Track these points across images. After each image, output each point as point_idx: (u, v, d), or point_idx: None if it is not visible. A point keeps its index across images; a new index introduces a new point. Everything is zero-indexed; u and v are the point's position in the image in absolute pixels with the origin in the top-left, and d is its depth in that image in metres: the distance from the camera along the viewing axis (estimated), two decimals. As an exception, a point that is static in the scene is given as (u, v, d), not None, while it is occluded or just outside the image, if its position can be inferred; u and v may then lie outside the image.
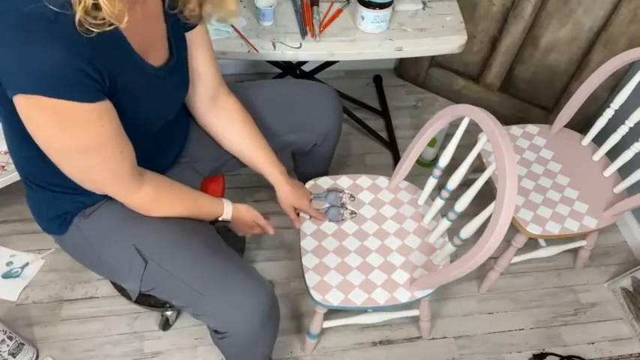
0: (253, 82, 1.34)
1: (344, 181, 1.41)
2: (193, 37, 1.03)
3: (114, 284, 1.56)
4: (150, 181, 0.98)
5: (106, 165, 0.87)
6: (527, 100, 2.06)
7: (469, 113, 1.11)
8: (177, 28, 0.98)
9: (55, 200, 1.02)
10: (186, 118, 1.20)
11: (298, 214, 1.32)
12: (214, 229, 1.17)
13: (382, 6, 1.33)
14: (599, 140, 1.54)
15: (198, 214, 1.11)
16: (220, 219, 1.15)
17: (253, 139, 1.20)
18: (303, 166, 1.53)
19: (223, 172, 1.35)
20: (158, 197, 1.01)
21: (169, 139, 1.13)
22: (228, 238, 1.65)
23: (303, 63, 1.94)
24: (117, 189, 0.95)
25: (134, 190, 0.96)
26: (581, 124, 1.88)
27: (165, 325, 1.54)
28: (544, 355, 1.59)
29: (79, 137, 0.80)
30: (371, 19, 1.36)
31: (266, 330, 1.12)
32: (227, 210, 1.16)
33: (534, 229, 1.39)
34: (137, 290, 1.06)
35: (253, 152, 1.21)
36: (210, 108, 1.16)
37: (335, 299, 1.20)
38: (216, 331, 1.09)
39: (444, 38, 1.42)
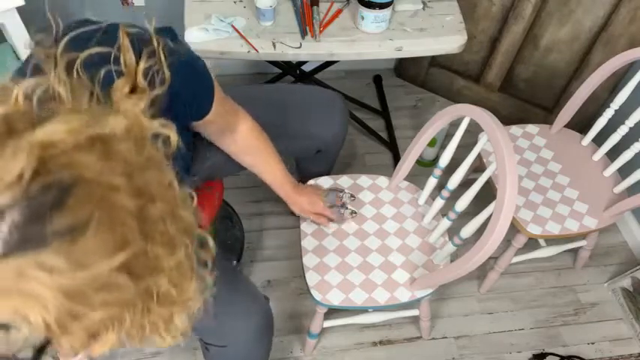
0: (260, 85, 1.34)
1: (344, 181, 1.41)
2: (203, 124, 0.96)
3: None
4: None
5: None
6: (527, 100, 2.06)
7: (469, 113, 1.11)
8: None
9: None
10: None
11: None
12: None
13: (382, 6, 1.33)
14: (599, 140, 1.54)
15: None
16: None
17: (265, 159, 1.17)
18: (305, 167, 1.53)
19: (221, 177, 1.34)
20: None
21: None
22: (226, 238, 1.66)
23: (303, 63, 1.94)
24: None
25: None
26: (581, 124, 1.88)
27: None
28: (544, 355, 1.59)
29: None
30: (371, 19, 1.36)
31: (262, 343, 1.14)
32: None
33: (534, 229, 1.39)
34: None
35: (263, 170, 1.19)
36: (224, 138, 1.12)
37: (335, 299, 1.20)
38: (211, 345, 1.09)
39: (444, 38, 1.42)
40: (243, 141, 1.12)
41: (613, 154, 1.49)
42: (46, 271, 0.43)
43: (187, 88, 0.79)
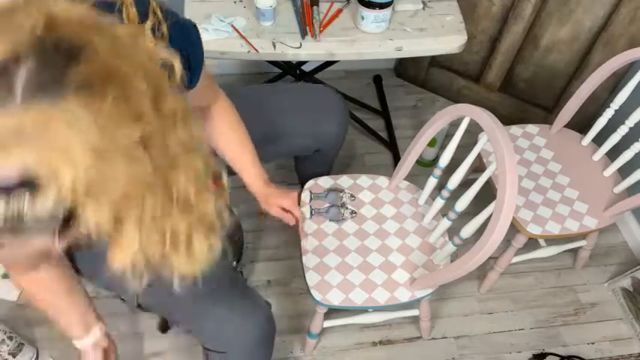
0: (259, 85, 1.33)
1: (344, 181, 1.41)
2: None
3: (114, 284, 1.56)
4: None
5: None
6: (527, 100, 2.06)
7: (469, 113, 1.11)
8: None
9: None
10: None
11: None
12: None
13: (382, 6, 1.33)
14: (599, 140, 1.54)
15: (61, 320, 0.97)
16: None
17: (236, 141, 1.12)
18: (304, 167, 1.52)
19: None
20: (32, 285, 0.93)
21: None
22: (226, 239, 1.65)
23: (303, 63, 1.94)
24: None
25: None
26: (581, 124, 1.88)
27: (164, 327, 1.54)
28: (544, 355, 1.59)
29: None
30: (371, 19, 1.36)
31: (262, 350, 1.13)
32: (82, 342, 0.97)
33: (534, 229, 1.39)
34: (134, 305, 1.06)
35: (236, 158, 1.14)
36: (201, 115, 1.08)
37: (335, 299, 1.20)
38: (210, 350, 1.09)
39: (444, 38, 1.42)
40: (218, 118, 1.08)
41: (613, 154, 1.49)
42: (71, 121, 0.42)
43: (183, 48, 0.76)
